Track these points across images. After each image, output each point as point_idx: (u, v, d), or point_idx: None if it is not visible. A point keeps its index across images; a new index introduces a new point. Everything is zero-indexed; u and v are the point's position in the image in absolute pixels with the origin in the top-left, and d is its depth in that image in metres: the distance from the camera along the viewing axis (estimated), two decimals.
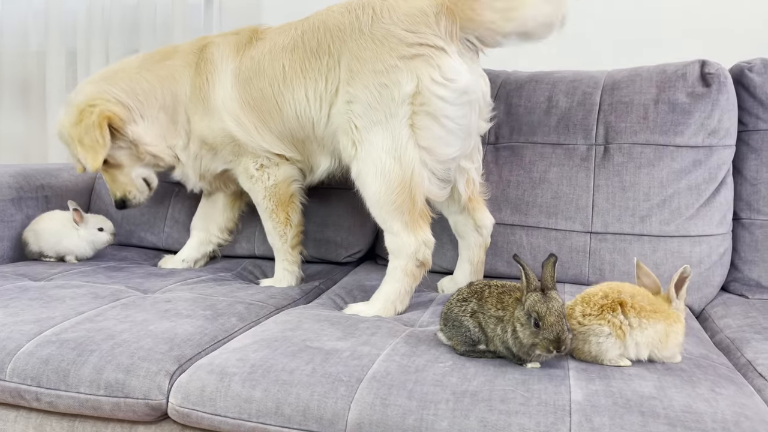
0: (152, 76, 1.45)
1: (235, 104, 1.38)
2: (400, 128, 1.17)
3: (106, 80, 1.46)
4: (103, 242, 1.62)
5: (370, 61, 1.19)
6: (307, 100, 1.30)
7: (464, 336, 0.95)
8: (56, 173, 1.82)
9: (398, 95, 1.17)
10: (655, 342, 0.92)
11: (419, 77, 1.16)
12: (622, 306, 0.92)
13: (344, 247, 1.66)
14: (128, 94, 1.44)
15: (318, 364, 0.92)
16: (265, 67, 1.34)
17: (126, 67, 1.48)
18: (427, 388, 0.85)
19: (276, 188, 1.43)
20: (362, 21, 1.22)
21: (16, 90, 2.41)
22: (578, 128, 1.50)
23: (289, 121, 1.34)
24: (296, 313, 1.18)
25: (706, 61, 1.46)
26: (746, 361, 1.04)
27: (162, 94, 1.45)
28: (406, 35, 1.17)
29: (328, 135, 1.31)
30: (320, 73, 1.27)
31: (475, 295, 0.97)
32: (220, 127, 1.40)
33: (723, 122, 1.42)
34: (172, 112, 1.46)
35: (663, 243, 1.39)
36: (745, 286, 1.42)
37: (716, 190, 1.41)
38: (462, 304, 0.97)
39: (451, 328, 0.97)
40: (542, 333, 0.87)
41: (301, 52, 1.30)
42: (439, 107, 1.17)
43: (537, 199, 1.49)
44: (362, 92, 1.20)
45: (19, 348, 1.00)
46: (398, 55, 1.17)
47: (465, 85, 1.18)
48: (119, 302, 1.21)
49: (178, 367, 0.97)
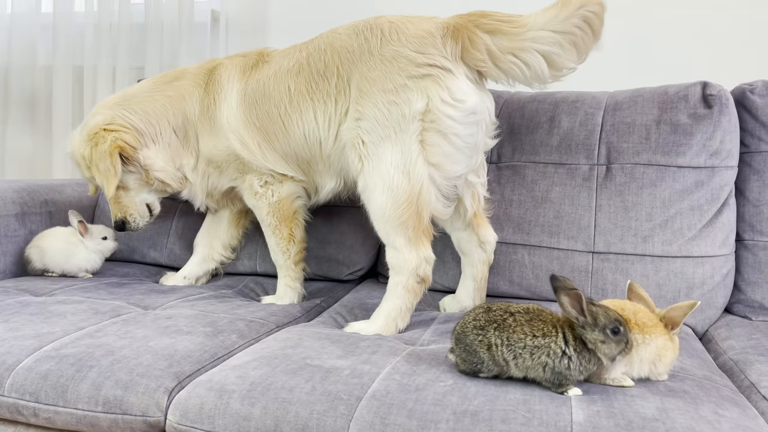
0: (163, 97, 1.48)
1: (240, 124, 1.40)
2: (410, 144, 1.18)
3: (120, 105, 1.48)
4: (110, 249, 1.63)
5: (380, 81, 1.21)
6: (315, 121, 1.32)
7: (472, 363, 0.93)
8: (60, 189, 1.82)
9: (408, 112, 1.18)
10: (654, 357, 0.93)
11: (429, 97, 1.18)
12: (627, 323, 0.92)
13: (346, 264, 1.66)
14: (141, 119, 1.46)
15: (318, 382, 0.91)
16: (270, 90, 1.36)
17: (139, 91, 1.50)
18: (428, 407, 0.84)
19: (280, 204, 1.44)
20: (371, 43, 1.24)
21: (23, 105, 2.43)
22: (580, 148, 1.51)
23: (296, 141, 1.36)
24: (297, 330, 1.17)
25: (708, 83, 1.47)
26: (750, 383, 1.03)
27: (174, 115, 1.47)
28: (415, 56, 1.19)
29: (335, 153, 1.32)
30: (329, 95, 1.29)
31: (495, 325, 0.91)
32: (225, 146, 1.42)
33: (725, 143, 1.42)
34: (183, 132, 1.48)
35: (665, 263, 1.39)
36: (748, 307, 1.41)
37: (719, 211, 1.41)
38: (479, 333, 0.92)
39: (462, 350, 0.94)
40: (624, 335, 0.87)
41: (306, 74, 1.32)
42: (449, 125, 1.19)
43: (539, 218, 1.49)
44: (371, 110, 1.21)
45: (19, 363, 1.00)
46: (407, 74, 1.19)
47: (473, 106, 1.20)
48: (120, 318, 1.20)
49: (177, 383, 0.97)
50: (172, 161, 1.49)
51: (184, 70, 1.53)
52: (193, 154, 1.49)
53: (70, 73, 2.34)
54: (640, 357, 0.92)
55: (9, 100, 2.42)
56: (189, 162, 1.50)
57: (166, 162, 1.48)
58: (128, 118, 1.46)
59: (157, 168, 1.48)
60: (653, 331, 0.92)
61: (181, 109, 1.47)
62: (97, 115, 1.48)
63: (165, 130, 1.47)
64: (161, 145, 1.47)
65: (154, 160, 1.47)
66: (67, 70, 2.33)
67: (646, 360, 0.92)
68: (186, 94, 1.47)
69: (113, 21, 2.28)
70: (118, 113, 1.46)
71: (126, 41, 2.26)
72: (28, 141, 2.46)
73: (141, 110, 1.47)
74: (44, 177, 2.44)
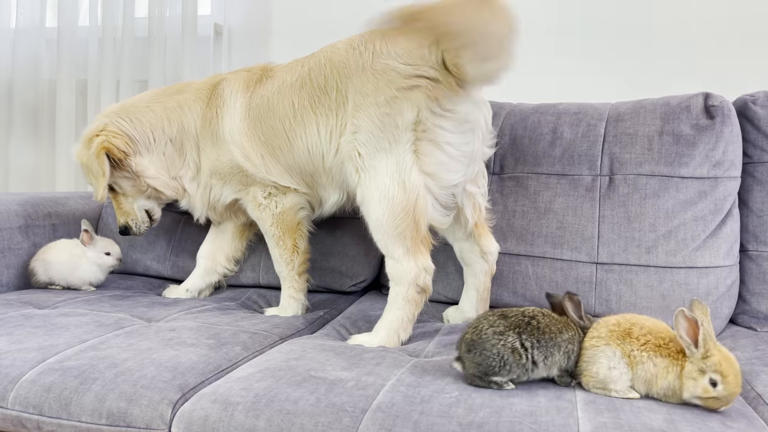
0: (162, 108, 1.51)
1: (244, 137, 1.41)
2: (404, 154, 1.19)
3: (117, 113, 1.52)
4: (108, 266, 1.62)
5: (372, 95, 1.22)
6: (318, 135, 1.33)
7: (490, 366, 0.93)
8: (64, 201, 1.83)
9: (401, 122, 1.19)
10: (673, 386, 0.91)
11: (419, 107, 1.19)
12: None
13: (349, 276, 1.66)
14: (135, 127, 1.50)
15: (322, 394, 0.91)
16: (275, 105, 1.38)
17: (138, 101, 1.54)
18: (433, 419, 0.84)
19: (283, 215, 1.44)
20: (364, 57, 1.25)
21: (27, 118, 2.44)
22: (583, 159, 1.51)
23: (300, 155, 1.37)
24: (300, 342, 1.17)
25: (710, 94, 1.47)
26: (756, 395, 1.03)
27: (170, 125, 1.50)
28: (404, 68, 1.20)
29: (336, 165, 1.33)
30: (330, 109, 1.30)
31: (518, 329, 0.94)
32: (228, 159, 1.43)
33: (728, 154, 1.42)
34: (180, 144, 1.50)
35: (669, 274, 1.38)
36: (753, 318, 1.41)
37: (722, 221, 1.41)
38: (500, 338, 0.93)
39: (476, 356, 0.93)
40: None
41: (309, 89, 1.33)
42: (441, 135, 1.20)
43: (542, 229, 1.49)
44: (365, 122, 1.22)
45: (22, 375, 1.00)
46: (397, 87, 1.20)
47: (464, 114, 1.21)
48: (123, 330, 1.20)
49: (181, 396, 0.96)
50: (167, 170, 1.52)
51: (188, 84, 1.55)
52: (192, 165, 1.51)
53: (73, 86, 2.35)
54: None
55: (13, 114, 2.43)
56: (187, 173, 1.52)
57: (158, 170, 1.51)
58: (121, 124, 1.50)
59: (149, 175, 1.51)
60: (659, 351, 0.93)
61: (178, 121, 1.50)
62: (95, 122, 1.52)
63: (160, 140, 1.50)
64: (155, 154, 1.51)
65: (146, 167, 1.51)
66: (71, 83, 2.34)
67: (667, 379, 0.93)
68: (186, 107, 1.50)
69: (117, 35, 2.30)
70: (113, 120, 1.50)
71: (129, 55, 2.27)
72: (32, 154, 2.46)
73: (136, 119, 1.50)
74: (48, 190, 2.44)
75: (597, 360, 0.93)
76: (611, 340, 0.94)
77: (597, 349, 0.94)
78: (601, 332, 0.95)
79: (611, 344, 0.93)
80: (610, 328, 0.95)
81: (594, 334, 0.96)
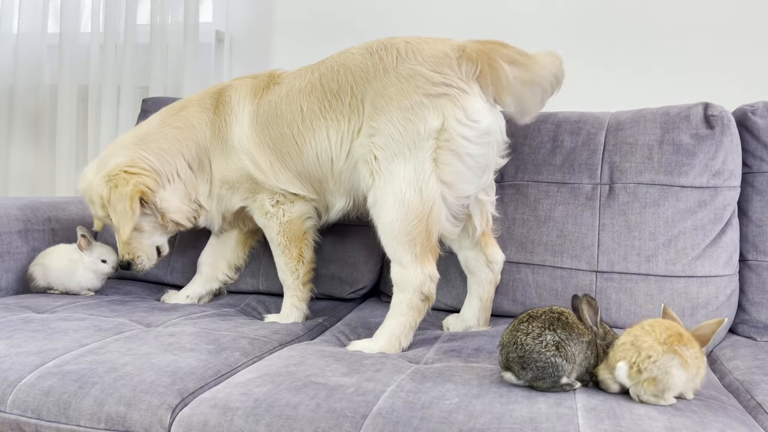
0: (173, 130, 1.47)
1: (252, 144, 1.41)
2: (424, 161, 1.19)
3: (137, 144, 1.46)
4: (104, 273, 1.60)
5: (396, 98, 1.21)
6: (328, 140, 1.33)
7: (548, 374, 0.93)
8: (64, 206, 1.83)
9: (424, 129, 1.19)
10: (697, 373, 0.94)
11: (445, 115, 1.19)
12: (684, 338, 0.93)
13: (349, 283, 1.65)
14: (158, 158, 1.45)
15: (322, 399, 0.90)
16: (283, 110, 1.37)
17: (151, 128, 1.49)
18: (433, 425, 0.83)
19: (290, 224, 1.44)
20: (386, 62, 1.25)
21: (28, 124, 2.44)
22: (583, 167, 1.51)
23: (308, 160, 1.37)
24: (300, 348, 1.17)
25: (710, 104, 1.48)
26: (756, 404, 1.02)
27: (187, 147, 1.46)
28: (432, 75, 1.20)
29: (346, 171, 1.33)
30: (342, 114, 1.30)
31: (552, 326, 0.94)
32: (237, 166, 1.43)
33: (727, 163, 1.43)
34: (197, 163, 1.47)
35: (669, 283, 1.39)
36: (753, 328, 1.41)
37: (722, 230, 1.41)
38: (540, 340, 0.93)
39: (531, 370, 0.93)
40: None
41: (319, 94, 1.33)
42: (463, 145, 1.20)
43: (542, 237, 1.49)
44: (386, 126, 1.21)
45: (21, 379, 0.99)
46: (424, 92, 1.20)
47: (487, 126, 1.22)
48: (122, 335, 1.20)
49: (181, 400, 0.96)
50: (188, 197, 1.48)
51: (187, 99, 1.53)
52: (208, 180, 1.48)
53: (74, 92, 2.36)
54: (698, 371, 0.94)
55: (14, 119, 2.43)
56: (204, 190, 1.49)
57: (182, 201, 1.47)
58: (147, 159, 1.44)
59: (173, 210, 1.46)
60: (698, 346, 0.95)
61: (192, 139, 1.46)
62: (117, 155, 1.45)
63: (181, 166, 1.46)
64: (176, 183, 1.46)
65: (170, 201, 1.46)
66: (72, 89, 2.35)
67: (699, 375, 0.95)
68: (195, 122, 1.47)
69: (119, 41, 2.31)
70: (138, 155, 1.44)
71: (131, 61, 2.28)
72: (33, 159, 2.47)
73: (157, 148, 1.45)
74: (48, 194, 2.44)
75: (670, 368, 0.90)
76: (673, 347, 0.91)
77: (668, 356, 0.90)
78: (661, 338, 0.92)
79: (672, 351, 0.91)
80: (669, 334, 0.92)
81: (653, 340, 0.91)
